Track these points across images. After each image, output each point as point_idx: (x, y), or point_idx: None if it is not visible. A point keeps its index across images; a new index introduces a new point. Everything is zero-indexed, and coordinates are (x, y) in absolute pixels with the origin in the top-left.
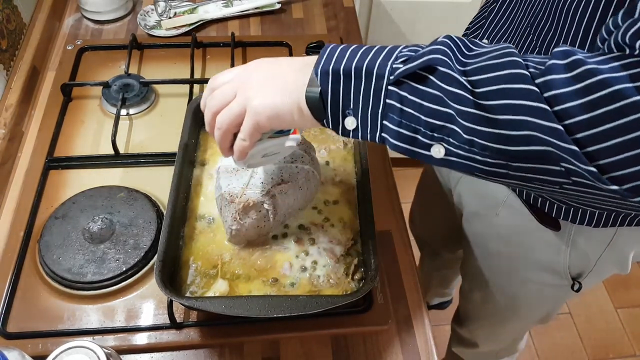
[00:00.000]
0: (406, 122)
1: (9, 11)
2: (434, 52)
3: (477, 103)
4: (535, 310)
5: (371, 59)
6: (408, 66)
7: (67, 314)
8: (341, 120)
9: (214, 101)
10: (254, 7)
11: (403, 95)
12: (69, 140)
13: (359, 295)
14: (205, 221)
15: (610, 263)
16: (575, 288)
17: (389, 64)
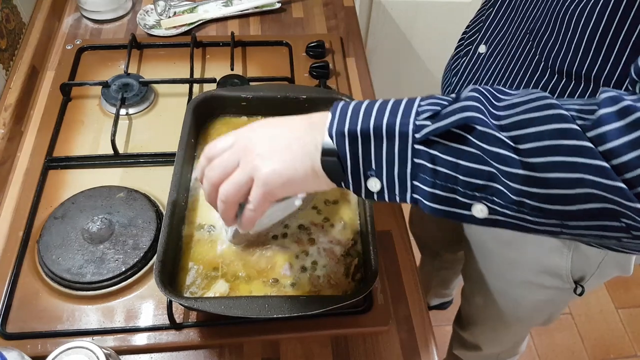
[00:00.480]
0: (441, 183)
1: (8, 11)
2: (466, 108)
3: (523, 162)
4: (538, 313)
5: (389, 116)
6: (439, 125)
7: (66, 314)
8: (363, 182)
9: (214, 172)
10: (253, 7)
11: (434, 154)
12: (68, 140)
13: (359, 295)
14: (206, 232)
15: (612, 266)
16: (578, 292)
17: (411, 121)
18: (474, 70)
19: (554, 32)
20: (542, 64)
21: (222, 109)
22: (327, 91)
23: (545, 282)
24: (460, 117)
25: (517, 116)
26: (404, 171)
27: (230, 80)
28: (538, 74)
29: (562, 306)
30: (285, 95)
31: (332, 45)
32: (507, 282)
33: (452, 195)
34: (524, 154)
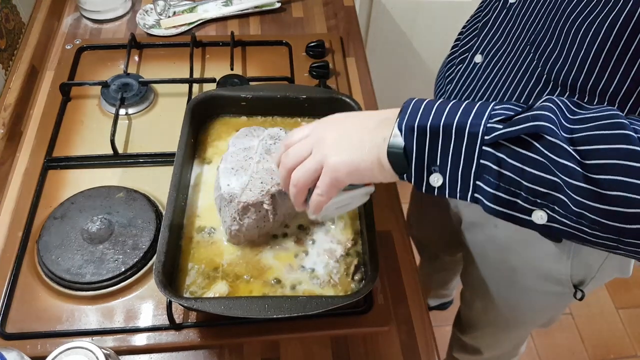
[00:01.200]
0: (505, 186)
1: (8, 10)
2: (539, 117)
3: (587, 177)
4: (538, 317)
5: (461, 115)
6: (510, 129)
7: (65, 314)
8: (426, 176)
9: (289, 158)
10: (253, 6)
11: (501, 157)
12: (68, 140)
13: (359, 295)
14: (205, 232)
15: (612, 269)
16: (579, 297)
17: (483, 122)
18: (470, 80)
19: (558, 44)
20: (545, 76)
21: (222, 108)
22: (327, 91)
23: (545, 288)
24: (532, 125)
25: (587, 131)
26: (468, 170)
27: (230, 80)
28: (540, 86)
29: (562, 309)
30: (285, 95)
31: (332, 45)
32: (507, 288)
33: (514, 199)
34: (590, 170)
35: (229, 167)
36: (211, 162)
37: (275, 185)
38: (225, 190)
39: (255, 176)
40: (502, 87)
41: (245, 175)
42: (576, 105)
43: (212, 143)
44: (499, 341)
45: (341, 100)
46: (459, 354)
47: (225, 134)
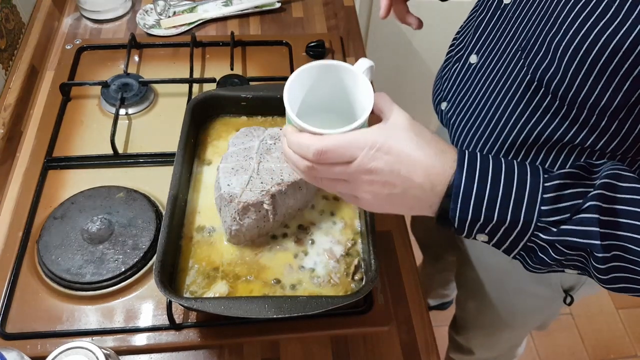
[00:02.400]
0: (540, 262)
1: (8, 10)
2: (590, 235)
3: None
4: (530, 320)
5: (513, 209)
6: (562, 239)
7: (65, 314)
8: (473, 235)
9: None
10: (253, 6)
11: (545, 247)
12: (68, 140)
13: (360, 295)
14: (205, 232)
15: None
16: (568, 302)
17: (534, 218)
18: (465, 80)
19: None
20: (535, 83)
21: (222, 108)
22: None
23: (536, 291)
24: (580, 242)
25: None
26: (513, 247)
27: (230, 80)
28: (530, 92)
29: (554, 313)
30: None
31: (332, 45)
32: (499, 289)
33: (548, 267)
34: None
35: (229, 167)
36: (211, 162)
37: (275, 185)
38: (225, 190)
39: (256, 176)
40: (495, 90)
41: (245, 175)
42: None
43: (212, 143)
44: (492, 342)
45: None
46: (454, 354)
47: (225, 134)
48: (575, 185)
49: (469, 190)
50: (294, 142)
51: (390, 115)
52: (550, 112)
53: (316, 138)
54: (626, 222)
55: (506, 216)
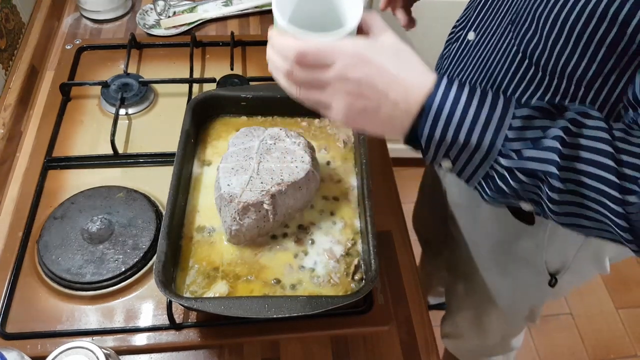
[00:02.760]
0: (498, 191)
1: (8, 10)
2: (548, 161)
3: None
4: (517, 305)
5: (480, 132)
6: (522, 167)
7: (66, 314)
8: (438, 160)
9: (301, 77)
10: (253, 6)
11: (505, 176)
12: (68, 140)
13: (359, 295)
14: (205, 232)
15: (587, 262)
16: (552, 283)
17: (499, 143)
18: (463, 57)
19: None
20: (520, 55)
21: (222, 108)
22: None
23: (522, 272)
24: (540, 171)
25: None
26: (474, 173)
27: (230, 80)
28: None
29: (541, 299)
30: (285, 95)
31: None
32: (487, 270)
33: (507, 199)
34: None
35: (229, 167)
36: (211, 162)
37: (275, 185)
38: (225, 190)
39: (256, 176)
40: (490, 65)
41: (245, 175)
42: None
43: (212, 143)
44: (479, 326)
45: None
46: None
47: (225, 134)
48: (544, 118)
49: (440, 110)
50: (276, 44)
51: (380, 33)
52: (534, 83)
53: (299, 41)
54: (587, 157)
55: (472, 139)
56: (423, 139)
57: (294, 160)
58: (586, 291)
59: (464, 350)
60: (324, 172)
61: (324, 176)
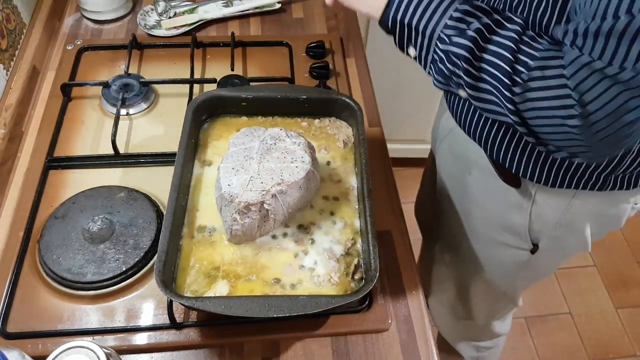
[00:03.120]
0: (440, 74)
1: (9, 11)
2: (461, 47)
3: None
4: (500, 279)
5: (427, 19)
6: (448, 49)
7: (66, 314)
8: (405, 47)
9: None
10: (254, 7)
11: (441, 56)
12: (69, 140)
13: (359, 295)
14: (206, 232)
15: (568, 234)
16: (532, 249)
17: (441, 26)
18: None
19: None
20: None
21: (223, 109)
22: (327, 91)
23: (505, 240)
24: (460, 54)
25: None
26: (427, 58)
27: (231, 80)
28: None
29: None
30: (285, 96)
31: (332, 45)
32: (471, 239)
33: (447, 81)
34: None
35: (230, 167)
36: (212, 162)
37: (275, 185)
38: (225, 190)
39: (256, 176)
40: None
41: (245, 175)
42: None
43: (212, 143)
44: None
45: (341, 100)
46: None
47: (225, 134)
48: (478, 15)
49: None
50: None
51: None
52: None
53: None
54: (492, 49)
55: (421, 24)
56: (390, 23)
57: (294, 160)
58: (586, 291)
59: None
60: (324, 172)
61: (324, 176)
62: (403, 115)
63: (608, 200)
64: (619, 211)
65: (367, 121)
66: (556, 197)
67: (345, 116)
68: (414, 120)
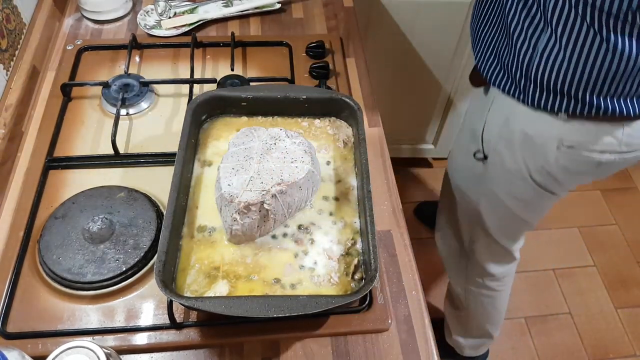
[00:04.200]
0: None
1: (9, 11)
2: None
3: None
4: (465, 186)
5: None
6: None
7: (66, 314)
8: None
9: None
10: (254, 7)
11: None
12: (69, 140)
13: (359, 295)
14: (206, 232)
15: (507, 150)
16: (482, 158)
17: None
18: None
19: None
20: None
21: (223, 109)
22: (327, 91)
23: (470, 148)
24: None
25: None
26: None
27: (231, 80)
28: None
29: (482, 187)
30: (285, 96)
31: (332, 45)
32: (458, 149)
33: None
34: None
35: (230, 167)
36: (212, 162)
37: (275, 185)
38: (225, 190)
39: (256, 176)
40: None
41: (245, 175)
42: None
43: (212, 143)
44: (450, 222)
45: (341, 100)
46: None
47: (225, 134)
48: None
49: None
50: None
51: None
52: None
53: None
54: None
55: None
56: None
57: (294, 160)
58: (586, 291)
59: (447, 256)
60: (324, 172)
61: (324, 176)
62: (403, 115)
63: (538, 122)
64: (545, 140)
65: (367, 121)
66: (502, 106)
67: (345, 116)
68: (413, 120)
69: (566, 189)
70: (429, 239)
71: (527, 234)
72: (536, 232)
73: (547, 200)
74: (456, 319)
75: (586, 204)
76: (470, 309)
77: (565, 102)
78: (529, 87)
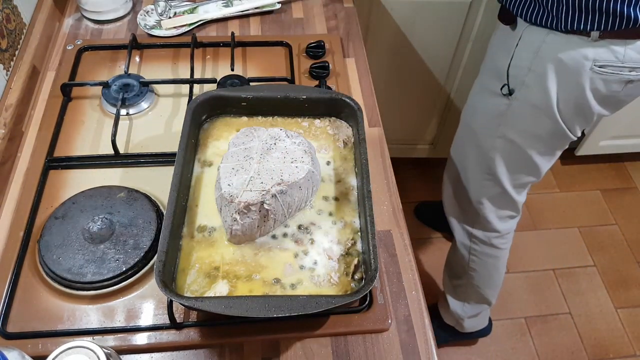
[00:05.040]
0: None
1: (9, 11)
2: None
3: None
4: (480, 128)
5: None
6: None
7: (66, 314)
8: None
9: None
10: (254, 7)
11: None
12: (69, 140)
13: (359, 295)
14: (206, 232)
15: (536, 83)
16: (508, 93)
17: None
18: None
19: None
20: None
21: (223, 109)
22: (327, 91)
23: (491, 85)
24: None
25: None
26: None
27: (231, 80)
28: None
29: (502, 127)
30: (285, 95)
31: (332, 45)
32: (474, 91)
33: None
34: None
35: (230, 167)
36: (212, 162)
37: (275, 185)
38: (225, 190)
39: (256, 176)
40: None
41: (245, 175)
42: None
43: (212, 143)
44: (458, 153)
45: (341, 100)
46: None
47: (225, 134)
48: None
49: None
50: None
51: None
52: None
53: None
54: None
55: None
56: None
57: (294, 160)
58: (586, 291)
59: (450, 204)
60: (324, 172)
61: (324, 176)
62: (403, 115)
63: (570, 45)
64: (577, 63)
65: (367, 121)
66: (532, 38)
67: (345, 116)
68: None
69: (585, 125)
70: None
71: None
72: (536, 232)
73: (562, 140)
74: (455, 289)
75: (586, 204)
76: (472, 273)
77: (597, 19)
78: (562, 11)
